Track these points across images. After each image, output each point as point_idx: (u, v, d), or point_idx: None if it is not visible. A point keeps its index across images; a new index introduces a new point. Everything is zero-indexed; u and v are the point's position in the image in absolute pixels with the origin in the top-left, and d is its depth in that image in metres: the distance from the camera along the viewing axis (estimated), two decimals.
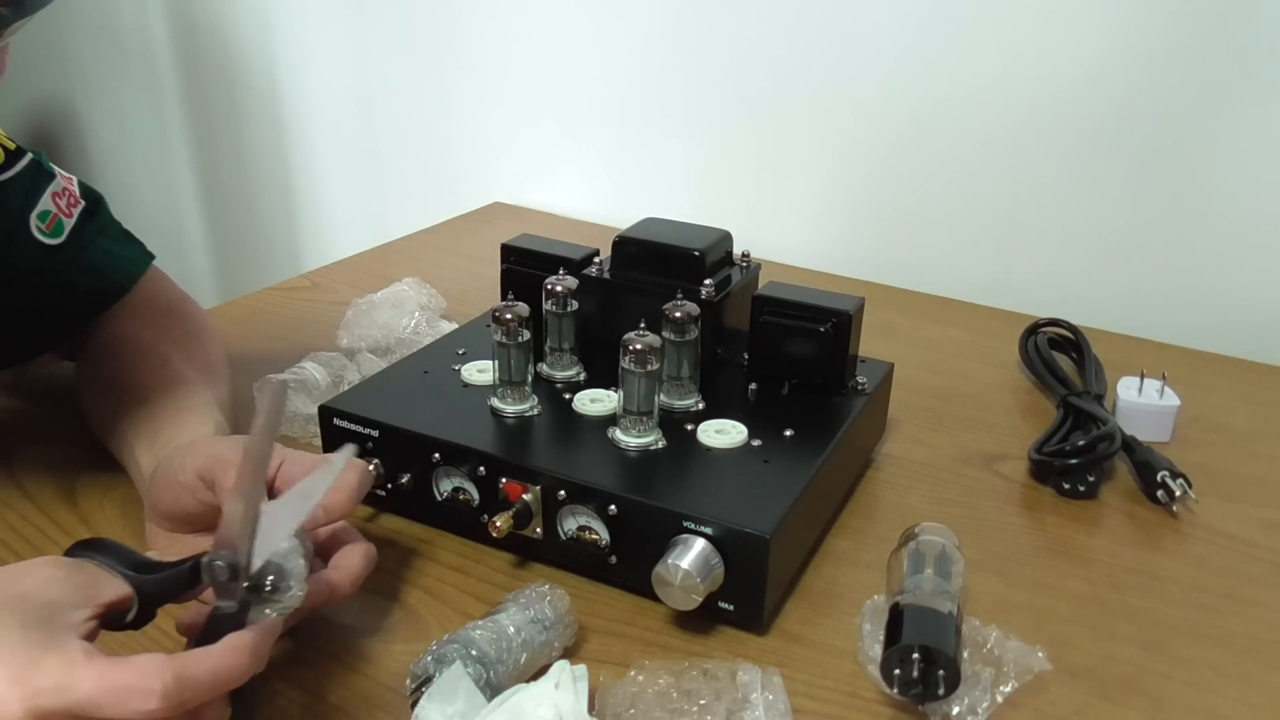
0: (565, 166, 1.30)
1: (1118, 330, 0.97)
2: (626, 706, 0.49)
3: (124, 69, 1.70)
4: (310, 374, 0.77)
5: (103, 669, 0.40)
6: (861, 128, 1.09)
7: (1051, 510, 0.71)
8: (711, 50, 1.14)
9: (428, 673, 0.49)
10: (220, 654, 0.43)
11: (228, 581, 0.45)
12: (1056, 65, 0.97)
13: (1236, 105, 0.92)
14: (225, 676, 0.43)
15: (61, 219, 0.73)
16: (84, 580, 0.44)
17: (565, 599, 0.55)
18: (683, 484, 0.59)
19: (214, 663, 0.43)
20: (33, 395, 0.81)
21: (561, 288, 0.69)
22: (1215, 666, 0.57)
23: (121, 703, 0.40)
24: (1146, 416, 0.78)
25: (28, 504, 0.67)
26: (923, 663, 0.49)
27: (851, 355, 0.70)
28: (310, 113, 1.50)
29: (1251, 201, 0.94)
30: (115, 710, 0.40)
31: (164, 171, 1.74)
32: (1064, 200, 1.02)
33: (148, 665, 0.41)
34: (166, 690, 0.41)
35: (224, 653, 0.43)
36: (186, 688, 0.41)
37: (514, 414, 0.65)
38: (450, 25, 1.32)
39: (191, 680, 0.42)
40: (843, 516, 0.69)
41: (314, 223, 1.59)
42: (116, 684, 0.40)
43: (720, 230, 0.74)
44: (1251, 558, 0.66)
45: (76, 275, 0.74)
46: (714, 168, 1.19)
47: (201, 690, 0.42)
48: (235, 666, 0.43)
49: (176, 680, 0.41)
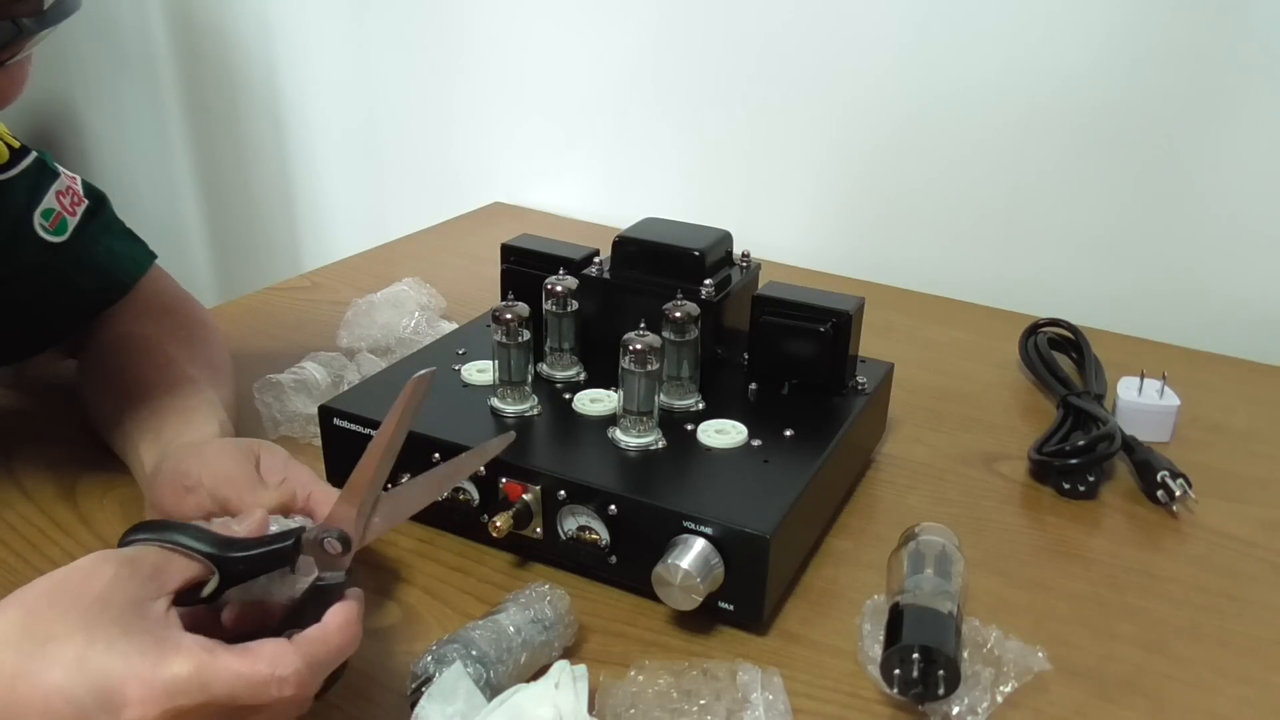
0: (565, 166, 1.30)
1: (1118, 330, 0.97)
2: (626, 706, 0.49)
3: (124, 69, 1.70)
4: (310, 374, 0.77)
5: (234, 663, 0.41)
6: (861, 127, 1.09)
7: (1051, 510, 0.71)
8: (711, 50, 1.14)
9: (428, 673, 0.49)
10: (338, 630, 0.45)
11: (339, 555, 0.47)
12: (1056, 64, 0.97)
13: (1236, 105, 0.92)
14: (344, 652, 0.45)
15: (65, 217, 0.73)
16: (150, 569, 0.44)
17: (565, 599, 0.55)
18: (683, 484, 0.59)
19: (336, 642, 0.44)
20: (33, 394, 0.81)
21: (561, 288, 0.69)
22: (1215, 666, 0.57)
23: (258, 693, 0.41)
24: (1146, 416, 0.78)
25: (28, 504, 0.67)
26: (923, 663, 0.49)
27: (851, 355, 0.70)
28: (310, 113, 1.50)
29: (1251, 202, 0.94)
30: (252, 700, 0.41)
31: (164, 171, 1.74)
32: (1064, 200, 1.02)
33: (278, 654, 0.42)
34: (300, 679, 0.42)
35: (341, 629, 0.45)
36: (317, 670, 0.43)
37: (514, 414, 0.65)
38: (450, 25, 1.32)
39: (319, 663, 0.43)
40: (843, 516, 0.69)
41: (314, 223, 1.59)
42: (252, 677, 0.41)
43: (720, 230, 0.74)
44: (1251, 558, 0.66)
45: (79, 273, 0.74)
46: (714, 168, 1.19)
47: (327, 669, 0.44)
48: (352, 640, 0.45)
49: (308, 666, 0.43)
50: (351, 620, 0.45)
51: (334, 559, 0.47)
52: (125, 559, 0.44)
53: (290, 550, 0.47)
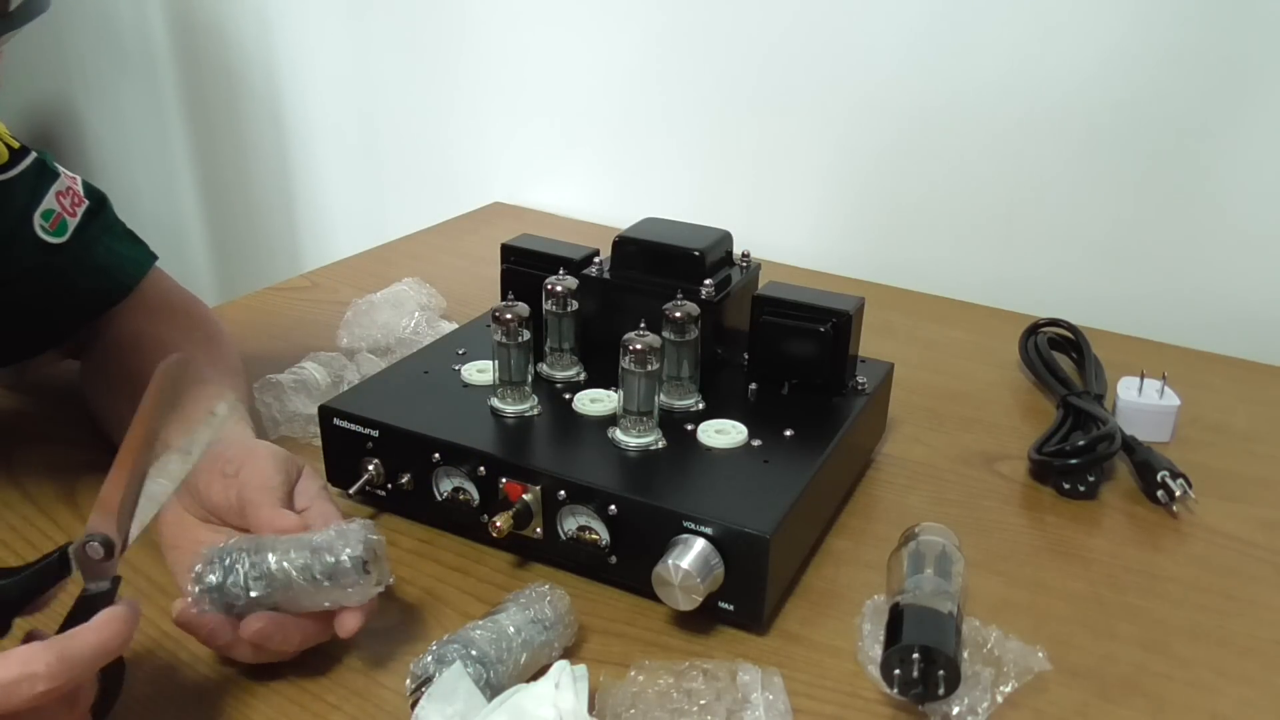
0: (565, 166, 1.30)
1: (1118, 330, 0.97)
2: (626, 706, 0.49)
3: (124, 69, 1.70)
4: (310, 374, 0.77)
5: None
6: (862, 128, 1.09)
7: (1051, 510, 0.71)
8: (712, 50, 1.14)
9: (428, 673, 0.49)
10: (97, 628, 0.44)
11: (102, 561, 0.46)
12: (1058, 66, 0.97)
13: (1237, 106, 0.92)
14: (105, 648, 0.44)
15: (65, 218, 0.73)
16: None
17: (565, 599, 0.55)
18: (683, 484, 0.59)
19: (93, 636, 0.43)
20: (33, 395, 0.81)
21: (561, 288, 0.69)
22: (1215, 666, 0.57)
23: (9, 694, 0.40)
24: (1146, 416, 0.78)
25: (28, 504, 0.67)
26: (923, 663, 0.49)
27: (851, 355, 0.70)
28: (310, 113, 1.50)
29: (1252, 202, 0.94)
30: (5, 702, 0.40)
31: (164, 171, 1.74)
32: (1064, 200, 1.02)
33: (26, 654, 0.41)
34: (51, 671, 0.41)
35: (101, 626, 0.44)
36: (71, 664, 0.42)
37: (514, 414, 0.65)
38: (450, 25, 1.32)
39: (74, 656, 0.42)
40: (843, 516, 0.69)
41: (314, 223, 1.59)
42: (3, 678, 0.40)
43: (720, 230, 0.74)
44: (1251, 558, 0.66)
45: (79, 274, 0.74)
46: (714, 168, 1.19)
47: (86, 665, 0.43)
48: (114, 637, 0.44)
49: (59, 659, 0.41)
50: (115, 619, 0.44)
51: (100, 565, 0.46)
52: None
53: (56, 565, 0.46)
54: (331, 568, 0.51)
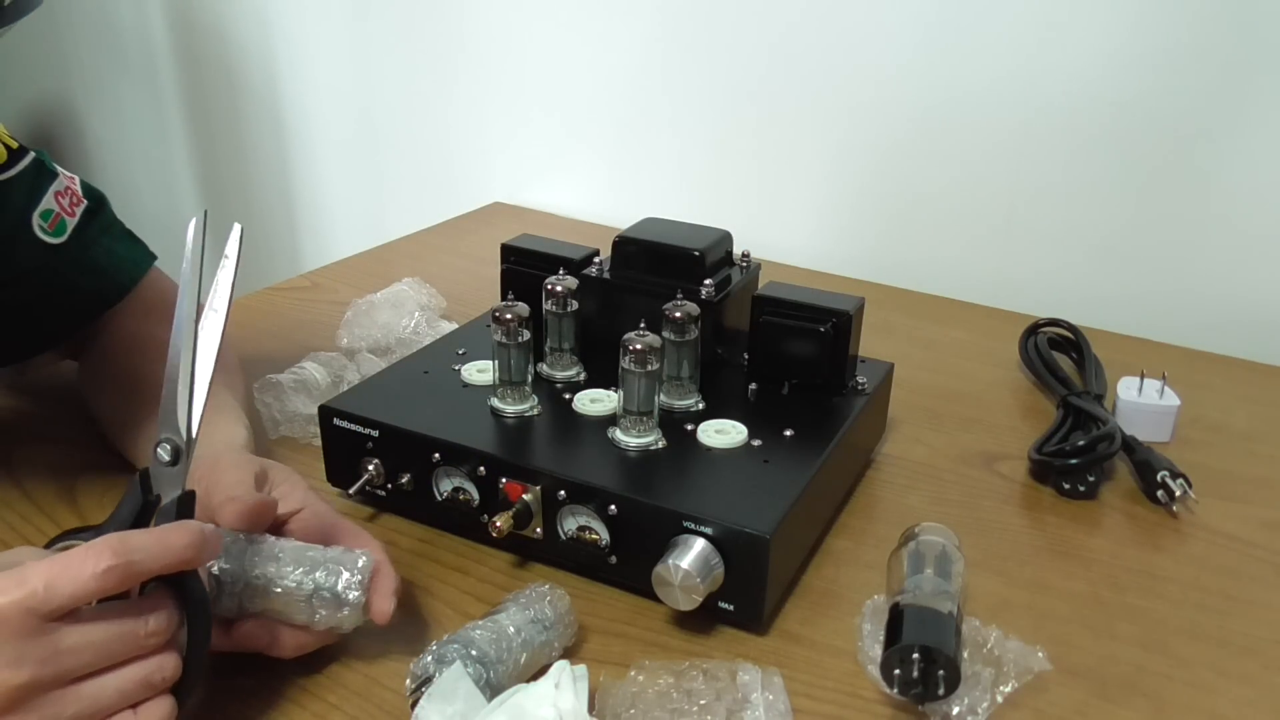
0: (565, 166, 1.30)
1: (1118, 330, 0.97)
2: (626, 706, 0.49)
3: (124, 69, 1.70)
4: (310, 374, 0.77)
5: (52, 558, 0.41)
6: (862, 128, 1.09)
7: (1051, 510, 0.71)
8: (712, 50, 1.14)
9: (428, 673, 0.49)
10: (164, 527, 0.44)
11: (170, 465, 0.46)
12: (1058, 67, 0.97)
13: (1237, 107, 0.92)
14: (170, 545, 0.44)
15: (64, 218, 0.73)
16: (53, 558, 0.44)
17: (565, 599, 0.55)
18: (683, 484, 0.59)
19: (159, 531, 0.44)
20: (33, 395, 0.81)
21: (561, 288, 0.69)
22: (1215, 666, 0.57)
23: (74, 574, 0.41)
24: (1146, 416, 0.78)
25: (28, 504, 0.67)
26: (923, 663, 0.49)
27: (851, 355, 0.70)
28: (310, 113, 1.50)
29: (1251, 202, 0.94)
30: (71, 583, 0.41)
31: (164, 171, 1.74)
32: (1064, 200, 1.02)
33: (92, 543, 0.42)
34: (114, 550, 0.42)
35: (167, 526, 0.44)
36: (133, 548, 0.42)
37: (514, 414, 0.65)
38: (450, 25, 1.32)
39: (136, 542, 0.43)
40: (843, 516, 0.69)
41: (314, 223, 1.59)
42: (65, 561, 0.41)
43: (720, 230, 0.74)
44: (1251, 558, 0.66)
45: (78, 274, 0.74)
46: (714, 168, 1.19)
47: (148, 553, 0.43)
48: (180, 538, 0.44)
49: (121, 540, 0.42)
50: (179, 526, 0.45)
51: (170, 472, 0.46)
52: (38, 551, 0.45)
53: (138, 489, 0.46)
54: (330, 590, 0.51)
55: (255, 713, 0.51)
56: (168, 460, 0.46)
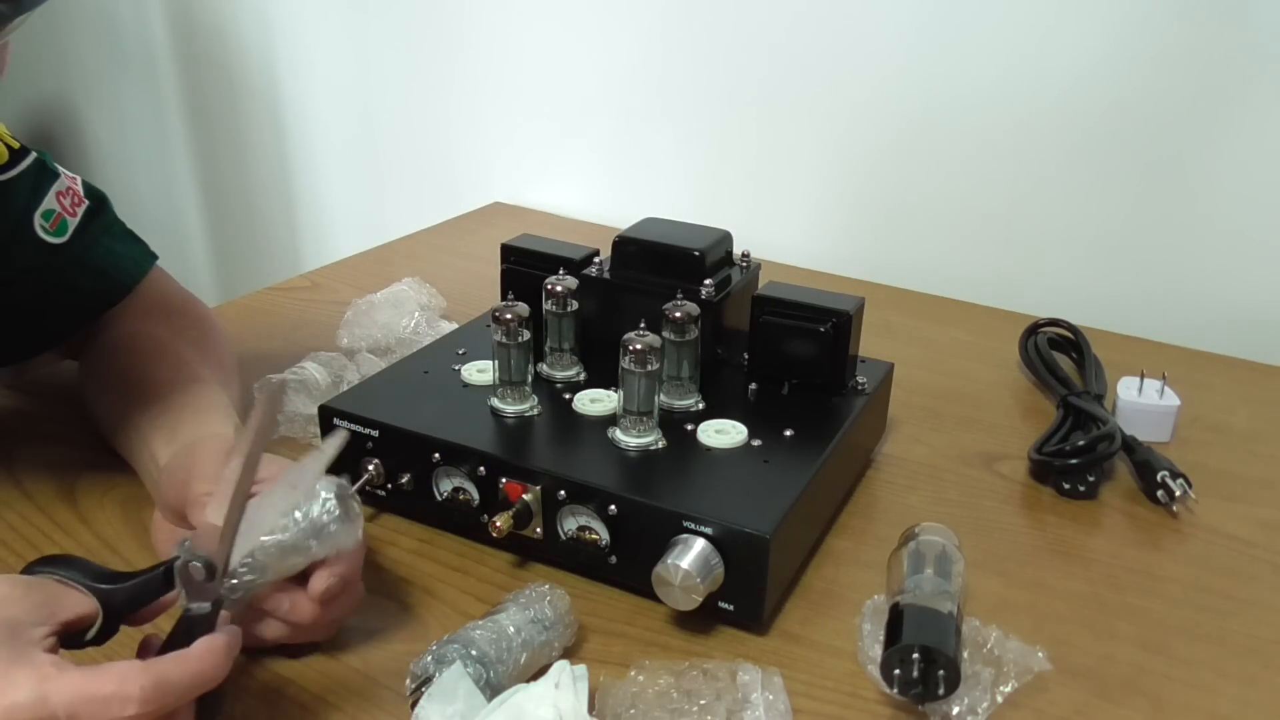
0: (565, 166, 1.30)
1: (1118, 330, 0.97)
2: (626, 706, 0.49)
3: (124, 69, 1.70)
4: (310, 374, 0.77)
5: (78, 680, 0.40)
6: (862, 127, 1.09)
7: (1051, 510, 0.71)
8: (712, 50, 1.14)
9: (428, 673, 0.49)
10: (197, 657, 0.43)
11: (203, 583, 0.45)
12: (1058, 65, 0.97)
13: (1236, 107, 0.92)
14: (202, 679, 0.43)
15: (65, 218, 0.73)
16: (42, 597, 0.43)
17: (565, 599, 0.55)
18: (683, 484, 0.59)
19: (192, 666, 0.43)
20: (33, 395, 0.81)
21: (561, 288, 0.69)
22: (1215, 666, 0.57)
23: (99, 712, 0.40)
24: (1146, 416, 0.78)
25: (28, 504, 0.67)
26: (923, 663, 0.49)
27: (851, 355, 0.70)
28: (310, 113, 1.50)
29: (1251, 202, 0.94)
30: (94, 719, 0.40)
31: (164, 171, 1.74)
32: (1064, 200, 1.02)
33: (124, 671, 0.41)
34: (145, 696, 0.40)
35: (200, 656, 0.43)
36: (165, 692, 0.41)
37: (514, 414, 0.65)
38: (450, 25, 1.32)
39: (169, 684, 0.42)
40: (843, 516, 0.69)
41: (314, 223, 1.59)
42: (94, 693, 0.40)
43: (720, 230, 0.74)
44: (1251, 558, 0.66)
45: (80, 274, 0.74)
46: (714, 168, 1.19)
47: (179, 694, 0.42)
48: (212, 669, 0.43)
49: (155, 685, 0.41)
50: (216, 649, 0.44)
51: (201, 586, 0.45)
52: (23, 582, 0.44)
53: (160, 579, 0.46)
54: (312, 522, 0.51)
55: (255, 713, 0.51)
56: (201, 578, 0.46)
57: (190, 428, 0.62)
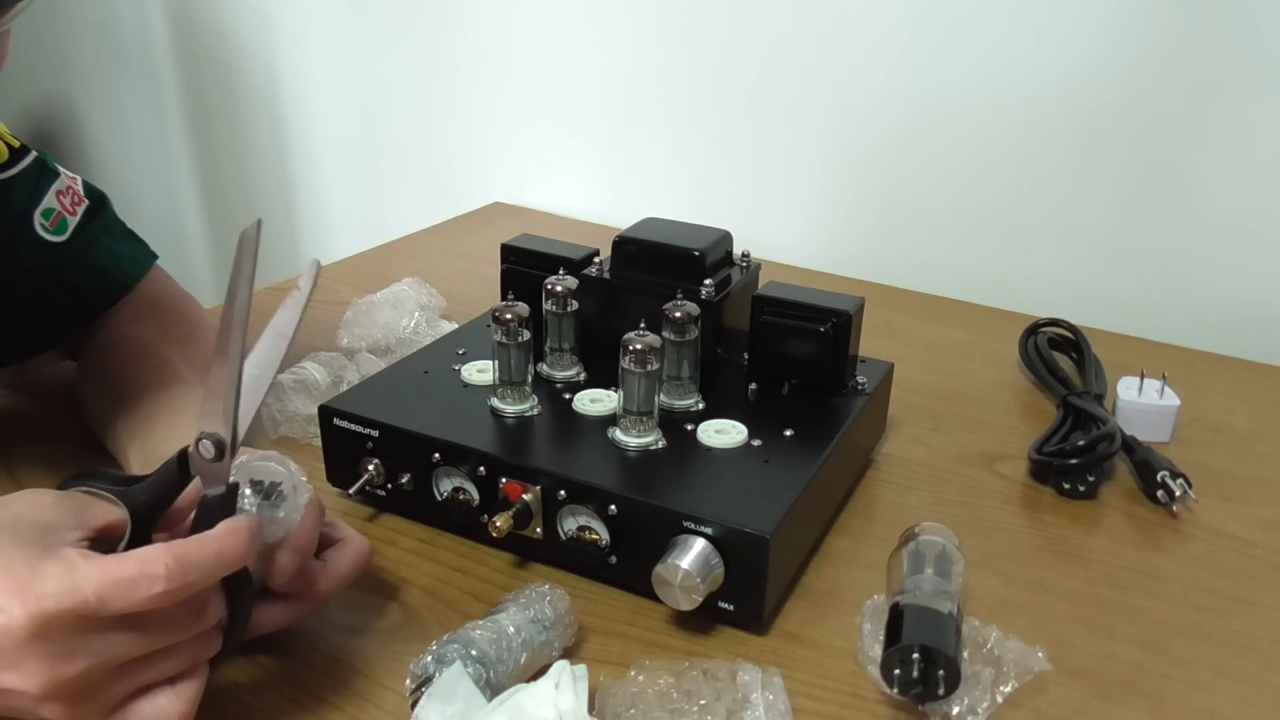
0: (565, 166, 1.30)
1: (1118, 330, 0.97)
2: (626, 706, 0.49)
3: (124, 69, 1.70)
4: (310, 374, 0.77)
5: (104, 565, 0.41)
6: (862, 127, 1.09)
7: (1051, 510, 0.71)
8: (711, 49, 1.14)
9: (428, 673, 0.49)
10: (218, 535, 0.44)
11: (215, 461, 0.46)
12: (1056, 64, 0.97)
13: (1237, 106, 0.92)
14: (226, 558, 0.44)
15: (65, 217, 0.73)
16: (75, 505, 0.45)
17: (565, 599, 0.55)
18: (683, 484, 0.59)
19: (214, 544, 0.44)
20: (33, 394, 0.81)
21: (561, 288, 0.69)
22: (1215, 666, 0.57)
23: (128, 592, 0.41)
24: (1146, 416, 0.78)
25: None
26: (923, 663, 0.49)
27: (851, 355, 0.70)
28: (310, 113, 1.50)
29: (1252, 202, 0.94)
30: (123, 601, 0.41)
31: (164, 171, 1.74)
32: (1064, 200, 1.02)
33: (147, 553, 0.42)
34: (170, 572, 0.41)
35: (222, 534, 0.44)
36: (189, 569, 0.42)
37: (514, 414, 0.65)
38: (450, 25, 1.32)
39: (193, 561, 0.42)
40: (843, 516, 0.69)
41: (314, 223, 1.59)
42: (120, 575, 0.41)
43: (720, 230, 0.74)
44: (1251, 558, 0.66)
45: (79, 273, 0.74)
46: (714, 167, 1.19)
47: (204, 571, 0.43)
48: (235, 547, 0.44)
49: (178, 561, 0.42)
50: (234, 530, 0.44)
51: (213, 467, 0.46)
52: (53, 493, 0.45)
53: (175, 469, 0.46)
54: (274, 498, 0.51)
55: (255, 712, 0.51)
56: (211, 457, 0.46)
57: (162, 431, 0.63)
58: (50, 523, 0.43)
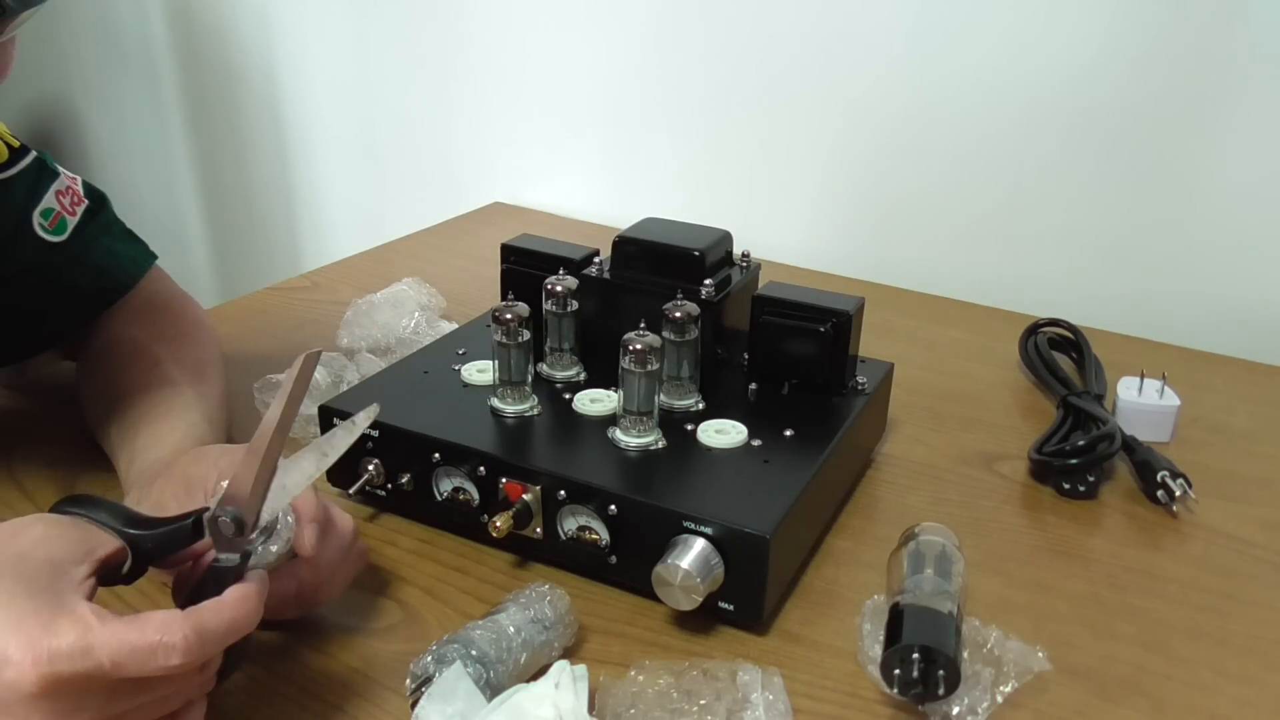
0: (565, 166, 1.30)
1: (1118, 330, 0.97)
2: (626, 706, 0.49)
3: (124, 69, 1.70)
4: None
5: (121, 631, 0.41)
6: (861, 127, 1.09)
7: (1051, 510, 0.71)
8: (710, 49, 1.14)
9: (428, 673, 0.49)
10: (233, 605, 0.44)
11: (233, 536, 0.46)
12: (1055, 64, 0.97)
13: (1237, 106, 0.92)
14: (239, 626, 0.44)
15: (65, 217, 0.73)
16: (80, 536, 0.45)
17: (565, 599, 0.55)
18: (683, 484, 0.59)
19: (229, 614, 0.44)
20: (33, 394, 0.81)
21: (561, 288, 0.69)
22: (1215, 666, 0.57)
23: (144, 661, 0.41)
24: (1146, 416, 0.78)
25: (28, 504, 0.67)
26: (923, 663, 0.49)
27: (851, 355, 0.70)
28: (310, 112, 1.50)
29: (1251, 202, 0.94)
30: (138, 669, 0.41)
31: (164, 171, 1.74)
32: (1064, 200, 1.02)
33: (166, 622, 0.42)
34: (188, 645, 0.42)
35: (236, 604, 0.45)
36: (206, 640, 0.43)
37: (514, 414, 0.65)
38: (450, 25, 1.32)
39: (209, 633, 0.43)
40: (843, 516, 0.69)
41: (314, 223, 1.59)
42: (138, 643, 0.41)
43: (720, 230, 0.74)
44: (1251, 558, 0.66)
45: (79, 273, 0.74)
46: (714, 167, 1.19)
47: (218, 640, 0.43)
48: (247, 616, 0.45)
49: (196, 634, 0.42)
50: (249, 596, 0.45)
51: (231, 541, 0.46)
52: (56, 522, 0.45)
53: (189, 530, 0.47)
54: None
55: (255, 713, 0.51)
56: (230, 534, 0.46)
57: (147, 435, 0.63)
58: (59, 559, 0.43)
